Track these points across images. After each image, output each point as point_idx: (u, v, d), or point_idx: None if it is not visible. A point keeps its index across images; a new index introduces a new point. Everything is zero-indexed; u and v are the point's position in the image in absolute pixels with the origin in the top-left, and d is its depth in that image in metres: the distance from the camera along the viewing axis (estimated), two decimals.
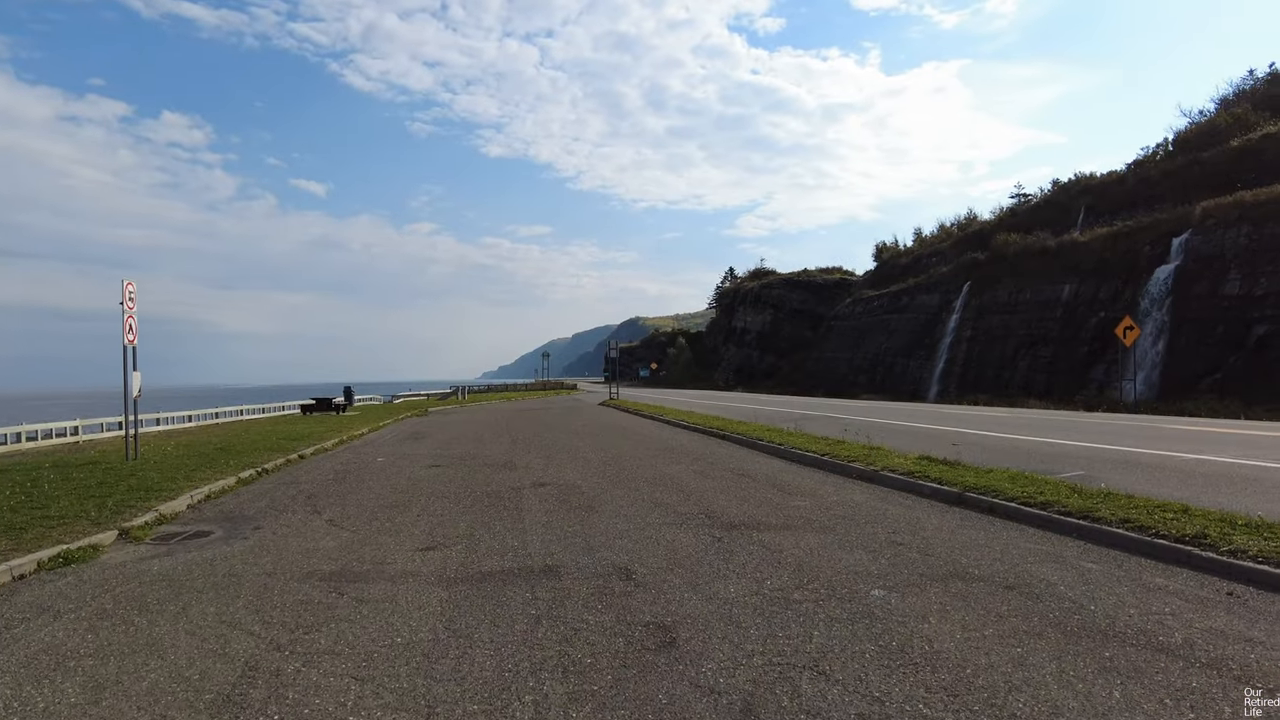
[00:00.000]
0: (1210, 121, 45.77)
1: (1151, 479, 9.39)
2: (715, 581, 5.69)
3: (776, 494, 9.58)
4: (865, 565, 6.00)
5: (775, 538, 7.06)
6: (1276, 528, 6.14)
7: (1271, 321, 26.40)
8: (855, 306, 66.96)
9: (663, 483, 10.79)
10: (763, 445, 14.72)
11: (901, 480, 9.73)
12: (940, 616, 4.71)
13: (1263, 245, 27.85)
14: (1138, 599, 4.98)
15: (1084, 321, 35.64)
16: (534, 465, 13.34)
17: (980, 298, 45.19)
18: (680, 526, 7.72)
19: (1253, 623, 4.50)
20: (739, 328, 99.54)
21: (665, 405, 32.38)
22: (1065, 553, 6.25)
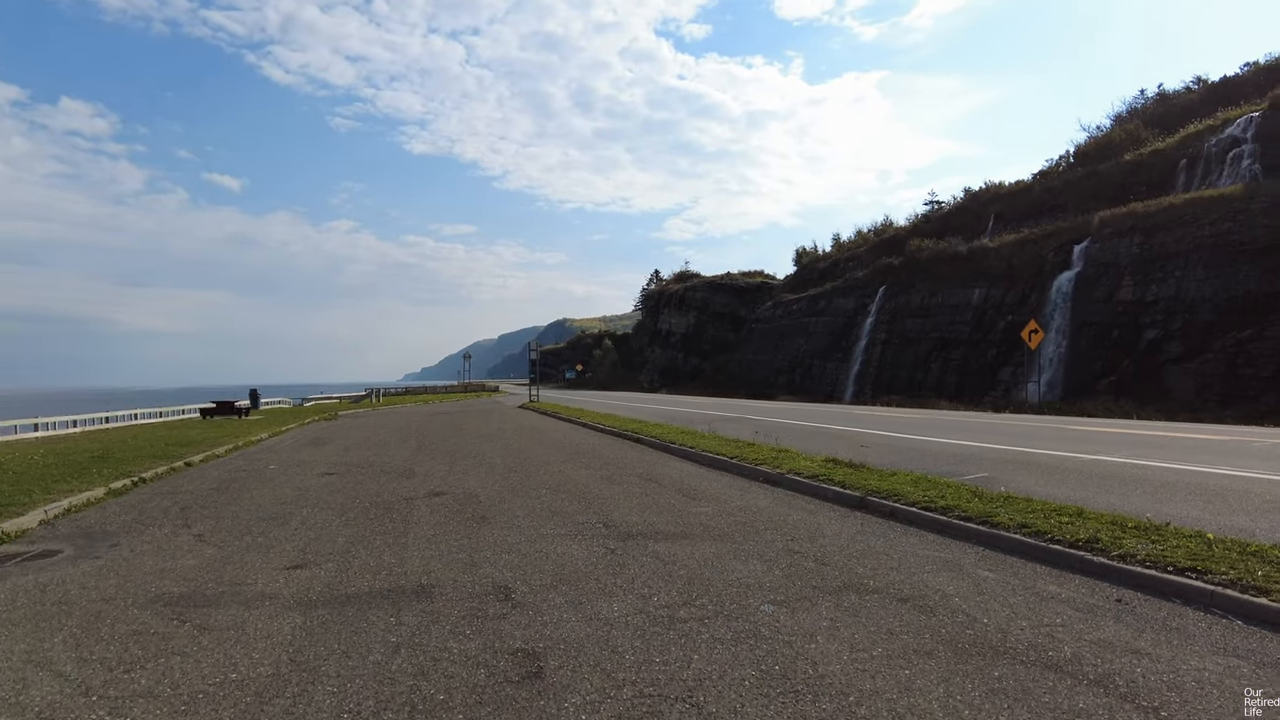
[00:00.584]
0: (1107, 136, 48.04)
1: (1051, 480, 9.47)
2: (599, 599, 5.31)
3: (680, 500, 9.28)
4: (759, 577, 5.72)
5: (671, 548, 6.73)
6: (1164, 530, 6.14)
7: (1160, 326, 27.69)
8: (775, 309, 67.83)
9: (566, 489, 10.37)
10: (675, 449, 14.46)
11: (806, 484, 9.57)
12: (829, 635, 4.44)
13: (1153, 254, 29.21)
14: (1030, 609, 4.82)
15: (992, 325, 36.81)
16: (434, 472, 12.73)
17: (894, 301, 46.26)
18: (574, 537, 7.32)
19: (1140, 632, 4.38)
20: (664, 330, 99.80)
21: (585, 408, 31.94)
22: (963, 560, 6.11)
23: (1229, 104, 38.94)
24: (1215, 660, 3.98)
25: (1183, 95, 48.24)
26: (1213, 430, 16.89)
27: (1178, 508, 7.51)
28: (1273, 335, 23.84)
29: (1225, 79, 45.91)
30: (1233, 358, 24.76)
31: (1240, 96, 39.93)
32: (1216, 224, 27.15)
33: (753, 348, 69.01)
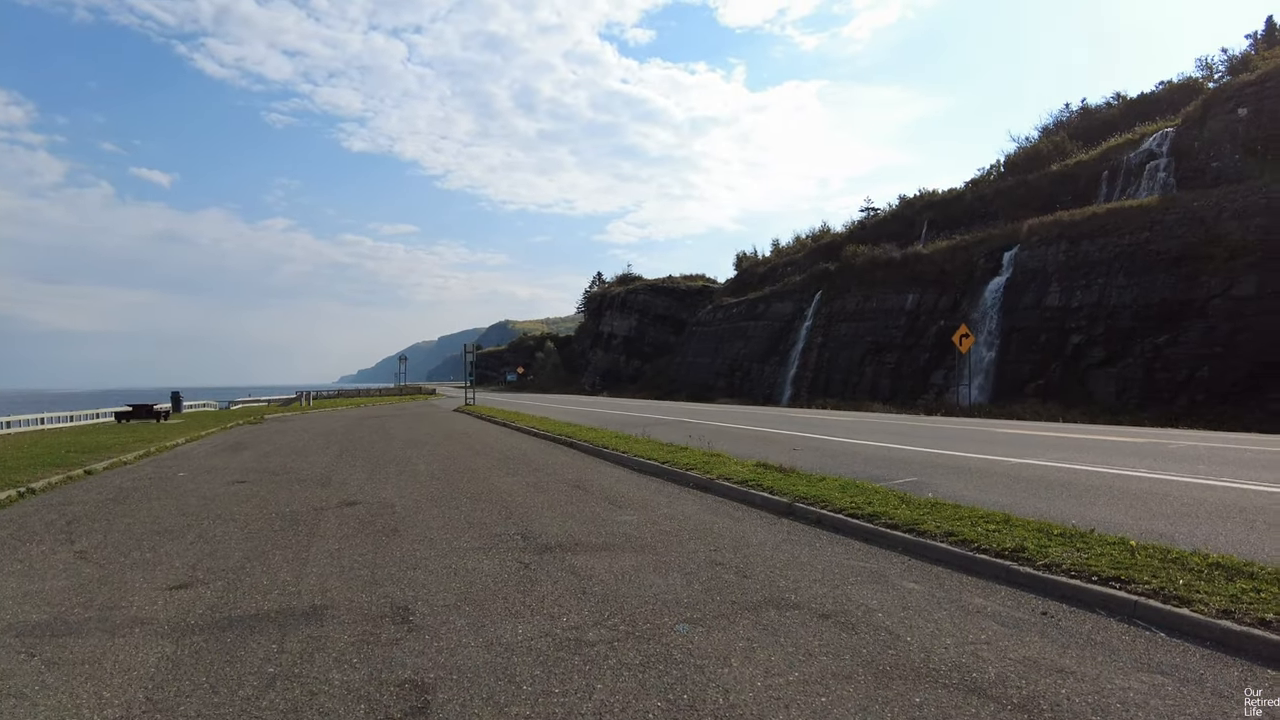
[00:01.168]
0: (1035, 147, 49.57)
1: (980, 485, 9.42)
2: (504, 621, 4.93)
3: (606, 508, 8.93)
4: (677, 592, 5.42)
5: (589, 561, 6.39)
6: (1088, 537, 6.05)
7: (1085, 332, 28.52)
8: (716, 313, 68.11)
9: (488, 498, 9.93)
10: (607, 453, 14.12)
11: (735, 490, 9.34)
12: (744, 658, 4.15)
13: (1078, 261, 30.09)
14: (955, 625, 4.62)
15: (925, 329, 37.47)
16: (353, 480, 12.14)
17: (831, 306, 46.81)
18: (488, 551, 6.91)
19: (1065, 648, 4.21)
20: (606, 332, 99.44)
21: (521, 411, 31.37)
22: (889, 571, 5.91)
23: (1146, 119, 40.53)
24: (1140, 679, 3.82)
25: (1104, 110, 50.08)
26: (1132, 433, 17.33)
27: (1101, 512, 7.49)
28: (1186, 341, 24.72)
29: (1142, 95, 47.81)
30: (1150, 362, 25.60)
31: (1156, 112, 41.61)
32: (1135, 234, 28.08)
33: (693, 351, 69.17)
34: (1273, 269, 23.06)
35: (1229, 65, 43.29)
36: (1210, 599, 4.57)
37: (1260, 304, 23.02)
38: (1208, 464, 10.90)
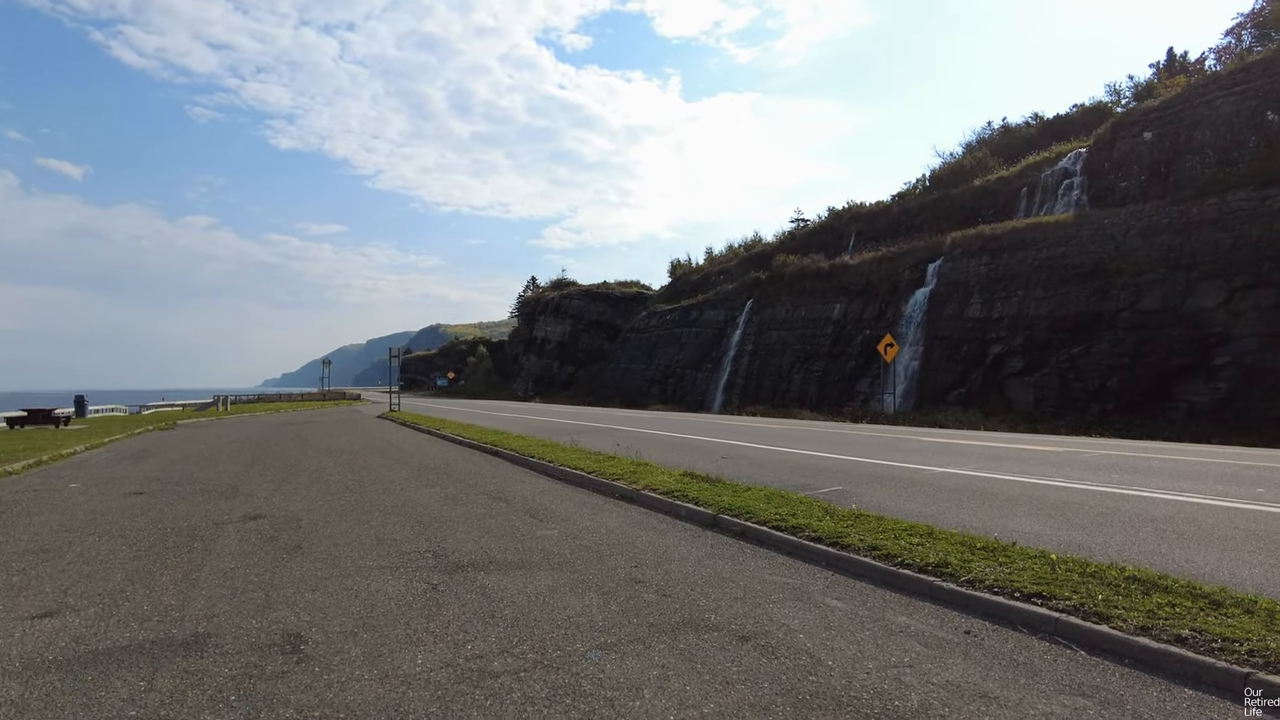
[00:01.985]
0: (959, 162, 51.10)
1: (904, 494, 9.42)
2: (404, 649, 4.56)
3: (527, 522, 8.58)
4: (593, 614, 5.13)
5: (502, 581, 6.05)
6: (1010, 550, 6.01)
7: (1004, 342, 29.39)
8: (650, 320, 68.12)
9: (403, 511, 9.46)
10: (533, 462, 13.74)
11: (661, 501, 9.11)
12: (658, 687, 3.90)
13: (998, 273, 31.02)
14: (878, 646, 4.47)
15: (852, 338, 38.10)
16: (260, 492, 11.47)
17: (761, 314, 47.26)
18: (396, 570, 6.50)
19: (988, 670, 4.08)
20: (539, 337, 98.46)
21: (449, 418, 30.60)
22: (812, 587, 5.75)
23: (1061, 139, 42.19)
24: (1062, 701, 3.71)
25: (1023, 129, 51.96)
26: (1049, 441, 17.80)
27: (1022, 522, 7.52)
28: (1098, 352, 25.68)
29: (1058, 116, 49.76)
30: (1065, 372, 26.51)
31: (1070, 133, 43.35)
32: (1052, 248, 29.10)
33: (627, 357, 69.01)
34: (1174, 285, 24.16)
35: (1135, 92, 45.45)
36: (1129, 614, 4.53)
37: (1163, 317, 24.08)
38: (1120, 472, 11.18)
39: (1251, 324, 21.88)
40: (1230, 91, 28.91)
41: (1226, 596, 4.77)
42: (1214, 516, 7.70)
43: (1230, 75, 29.99)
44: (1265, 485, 9.73)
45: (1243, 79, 28.74)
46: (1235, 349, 22.07)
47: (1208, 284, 23.34)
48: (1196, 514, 7.85)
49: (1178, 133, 30.64)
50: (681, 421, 27.79)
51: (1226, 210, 23.74)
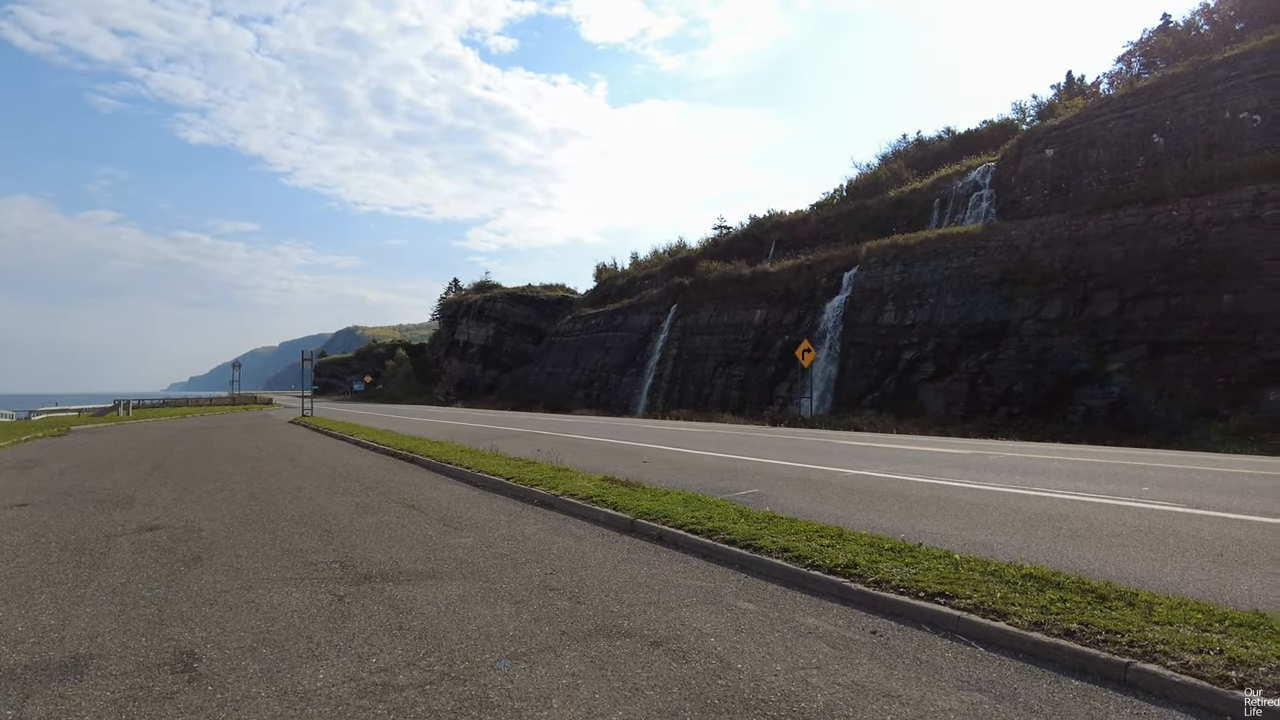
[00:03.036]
0: (875, 173, 52.74)
1: (818, 496, 9.60)
2: (305, 665, 4.38)
3: (440, 530, 8.40)
4: (504, 623, 5.04)
5: (412, 591, 5.88)
6: (917, 551, 6.18)
7: (917, 348, 30.41)
8: (575, 323, 67.90)
9: (311, 521, 9.13)
10: (450, 469, 13.47)
11: (580, 506, 9.05)
12: (567, 696, 3.85)
13: (911, 282, 32.10)
14: (787, 648, 4.52)
15: (772, 343, 38.80)
16: (159, 501, 10.90)
17: (685, 319, 47.69)
18: (300, 582, 6.25)
19: (892, 669, 4.18)
20: (461, 341, 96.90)
21: (364, 424, 29.77)
22: (725, 590, 5.79)
23: (971, 153, 44.02)
24: (960, 697, 3.82)
25: (936, 142, 53.99)
26: (958, 444, 18.48)
27: (929, 523, 7.76)
28: (1005, 358, 26.84)
29: (969, 131, 51.91)
30: (974, 378, 27.60)
31: (980, 147, 45.29)
32: (962, 258, 30.28)
33: (552, 361, 68.61)
34: (1074, 294, 25.46)
35: (1038, 110, 47.85)
36: (1024, 611, 4.72)
37: (1063, 325, 25.34)
38: (1022, 474, 11.68)
39: (1141, 333, 23.22)
40: (1121, 114, 30.69)
41: (1112, 590, 5.01)
42: (1105, 514, 8.11)
43: (1121, 99, 31.84)
44: (1150, 484, 10.31)
45: (1132, 103, 30.54)
46: (1127, 356, 23.38)
47: (1103, 294, 24.66)
48: (1090, 512, 8.25)
49: (1076, 151, 32.34)
50: (605, 426, 27.76)
51: (1119, 225, 25.16)
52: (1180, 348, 22.17)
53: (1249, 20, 35.30)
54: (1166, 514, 8.06)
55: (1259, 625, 4.36)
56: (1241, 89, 26.31)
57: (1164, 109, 28.92)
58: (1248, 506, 8.49)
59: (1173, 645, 4.10)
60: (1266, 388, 20.20)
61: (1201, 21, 40.05)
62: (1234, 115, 26.40)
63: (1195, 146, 27.15)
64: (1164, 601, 4.79)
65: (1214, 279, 21.80)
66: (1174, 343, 22.34)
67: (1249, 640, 4.14)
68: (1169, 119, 28.60)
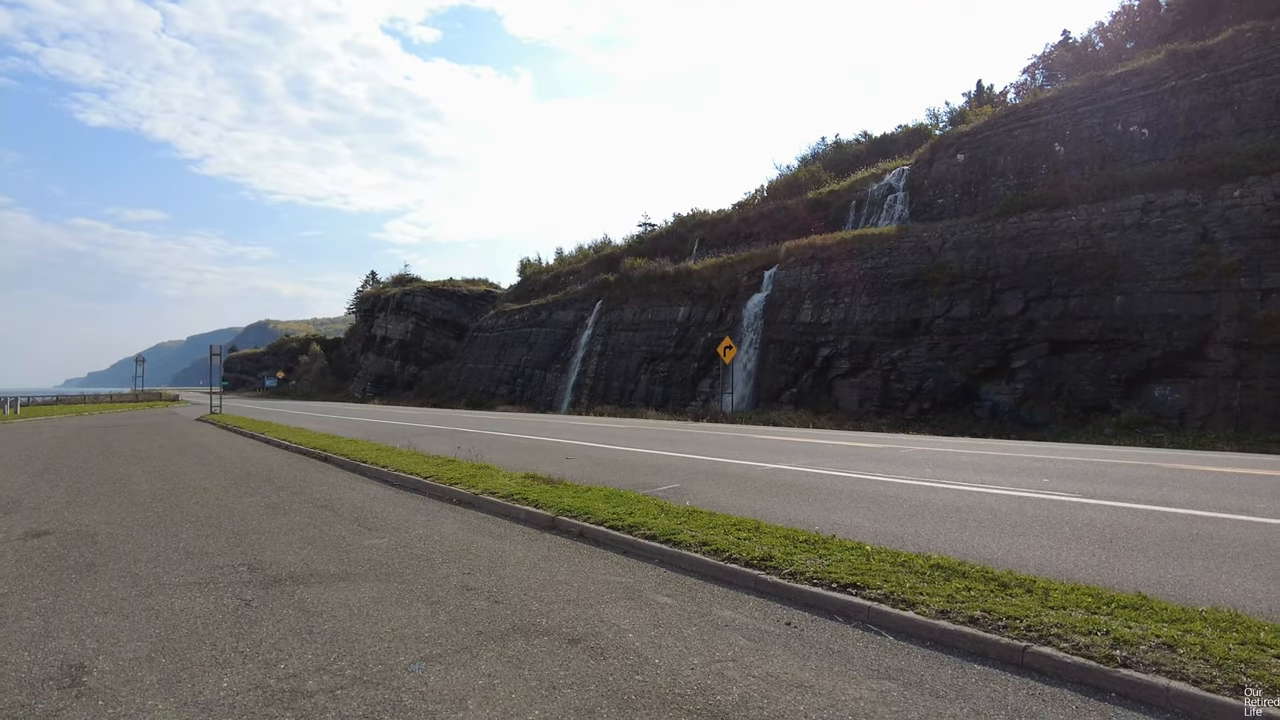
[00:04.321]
0: (794, 175, 53.84)
1: (737, 490, 9.74)
2: (208, 672, 4.20)
3: (355, 531, 8.17)
4: (419, 625, 4.94)
5: (323, 594, 5.71)
6: (830, 543, 6.34)
7: (833, 346, 31.19)
8: (498, 319, 67.07)
9: (217, 523, 8.75)
10: (365, 468, 13.12)
11: (500, 505, 8.95)
12: (483, 697, 3.80)
13: (828, 281, 32.90)
14: (704, 641, 4.57)
15: (695, 340, 39.20)
16: (50, 504, 10.27)
17: (610, 316, 47.70)
18: (205, 587, 5.99)
19: (805, 660, 4.28)
20: (379, 336, 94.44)
21: (274, 421, 28.74)
22: (644, 585, 5.82)
23: (887, 156, 45.41)
24: (870, 686, 3.94)
25: (853, 145, 55.48)
26: (871, 438, 19.04)
27: (843, 515, 7.97)
28: (916, 356, 27.80)
29: (885, 135, 53.52)
30: (887, 374, 28.49)
31: (895, 151, 46.73)
32: (876, 258, 31.19)
33: (474, 357, 67.61)
34: (981, 295, 26.56)
35: (950, 117, 49.72)
36: (931, 600, 4.90)
37: (972, 324, 26.41)
38: (932, 467, 12.11)
39: (1043, 331, 24.40)
40: (1026, 123, 32.14)
41: (1013, 579, 5.25)
42: (1008, 506, 8.49)
43: (1026, 109, 33.35)
44: (1049, 476, 10.84)
45: (1036, 113, 32.03)
46: (1030, 354, 24.53)
47: (1009, 294, 25.80)
48: (994, 504, 8.62)
49: (985, 156, 33.70)
50: (529, 423, 27.53)
51: (1023, 229, 26.36)
52: (1077, 346, 23.39)
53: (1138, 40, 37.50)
54: (1063, 504, 8.50)
55: (1141, 606, 4.64)
56: (1131, 104, 27.91)
57: (1064, 120, 30.42)
58: (1134, 495, 9.01)
59: (1065, 628, 4.32)
60: (1152, 384, 21.52)
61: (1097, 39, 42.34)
62: (1125, 128, 27.98)
63: (1092, 156, 28.65)
64: (1059, 587, 5.05)
65: (1108, 281, 23.08)
66: (1072, 341, 23.55)
67: (1132, 621, 4.40)
68: (1068, 129, 30.09)
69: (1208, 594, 5.05)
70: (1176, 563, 5.89)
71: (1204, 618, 4.43)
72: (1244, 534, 6.79)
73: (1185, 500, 8.58)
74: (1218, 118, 25.15)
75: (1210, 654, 3.93)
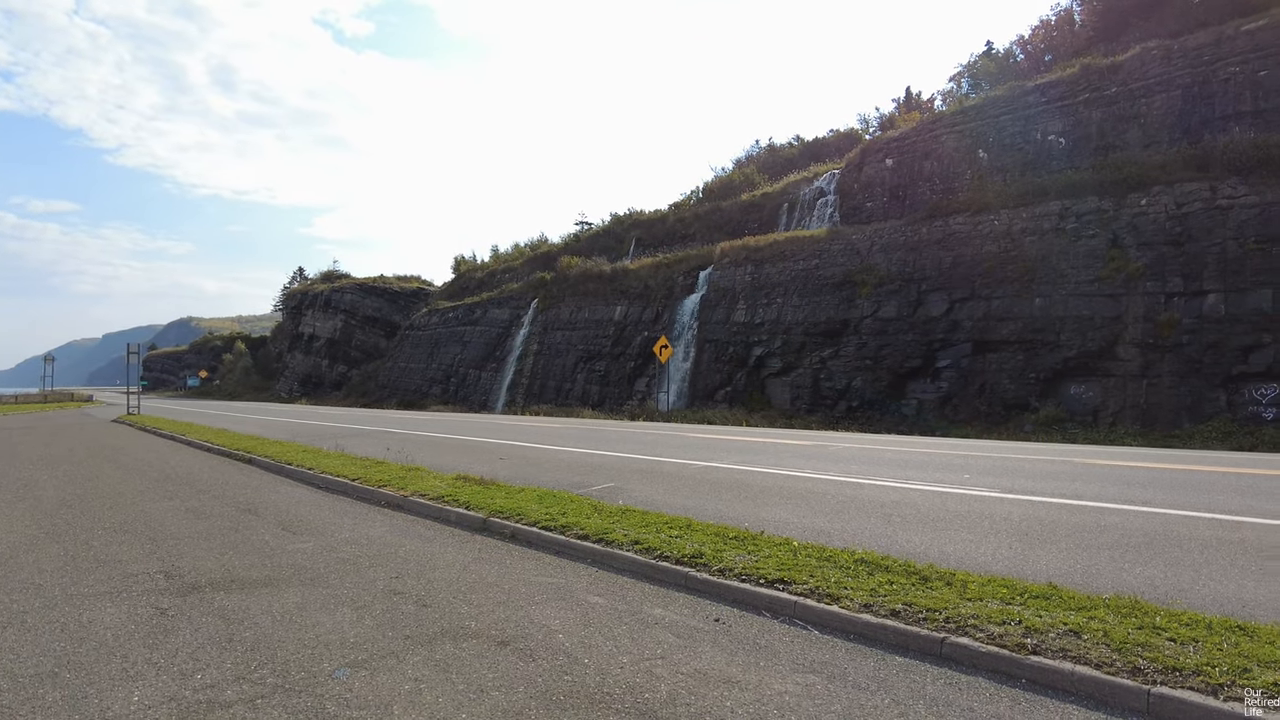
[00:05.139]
0: (729, 177, 54.50)
1: (670, 488, 9.81)
2: (118, 686, 4.03)
3: (279, 535, 7.94)
4: (345, 630, 4.84)
5: (245, 601, 5.54)
6: (759, 539, 6.45)
7: (765, 345, 31.71)
8: (431, 317, 65.97)
9: (132, 529, 8.39)
10: (291, 470, 12.76)
11: (429, 507, 8.81)
12: (409, 702, 3.75)
13: (761, 282, 33.42)
14: (634, 640, 4.60)
15: (631, 340, 39.31)
16: None
17: (546, 315, 47.46)
18: (117, 596, 5.74)
19: (733, 656, 4.35)
20: (307, 334, 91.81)
21: (198, 422, 27.69)
22: (575, 585, 5.82)
23: (819, 160, 46.33)
24: (795, 679, 4.03)
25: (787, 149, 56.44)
26: (802, 435, 19.41)
27: (773, 512, 8.11)
28: (845, 355, 28.47)
29: (817, 139, 54.60)
30: (817, 373, 29.11)
31: (826, 155, 47.71)
32: (807, 260, 31.81)
33: (405, 356, 66.34)
34: (908, 296, 27.36)
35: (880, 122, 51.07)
36: (855, 594, 5.03)
37: (899, 324, 27.19)
38: (859, 464, 12.42)
39: (966, 332, 25.27)
40: (952, 130, 33.20)
41: (934, 572, 5.44)
42: (930, 501, 8.77)
43: (952, 116, 34.46)
44: (970, 472, 11.24)
45: (961, 120, 33.11)
46: (954, 354, 25.38)
47: (934, 296, 26.62)
48: (918, 500, 8.89)
49: (912, 161, 34.68)
50: (462, 423, 27.18)
51: (948, 232, 27.24)
52: (999, 346, 24.29)
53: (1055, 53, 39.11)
54: (983, 499, 8.82)
55: (1052, 596, 4.86)
56: (1049, 113, 29.12)
57: (987, 127, 31.53)
58: (1049, 490, 9.41)
59: (981, 619, 4.50)
60: (1068, 382, 22.51)
61: (1018, 51, 43.98)
62: (1044, 136, 29.18)
63: (1013, 163, 29.77)
64: (977, 579, 5.25)
65: (1027, 284, 24.04)
66: (994, 341, 24.44)
67: (1043, 610, 4.61)
68: (991, 136, 31.20)
69: (1112, 582, 5.32)
70: (1085, 553, 6.18)
71: (1107, 605, 4.67)
72: (1145, 524, 7.16)
73: (1094, 494, 9.01)
74: (1126, 130, 26.44)
75: (1111, 639, 4.14)
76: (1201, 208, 21.14)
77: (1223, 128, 23.70)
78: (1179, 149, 23.65)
